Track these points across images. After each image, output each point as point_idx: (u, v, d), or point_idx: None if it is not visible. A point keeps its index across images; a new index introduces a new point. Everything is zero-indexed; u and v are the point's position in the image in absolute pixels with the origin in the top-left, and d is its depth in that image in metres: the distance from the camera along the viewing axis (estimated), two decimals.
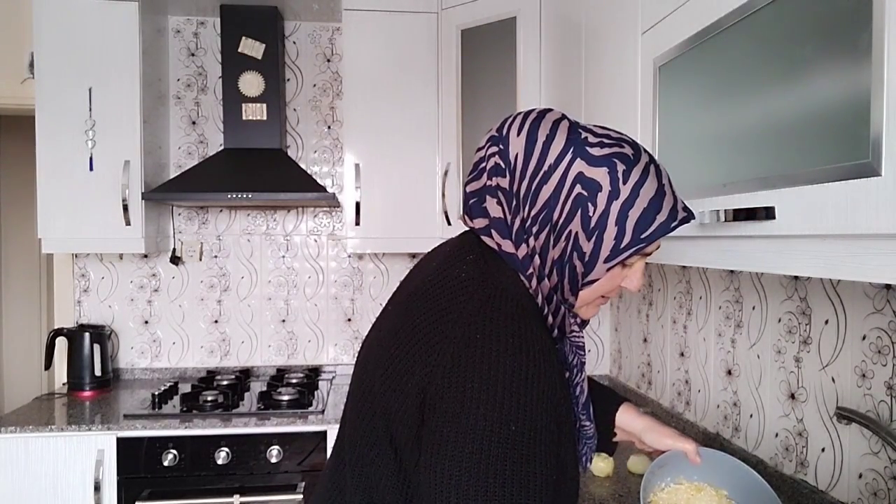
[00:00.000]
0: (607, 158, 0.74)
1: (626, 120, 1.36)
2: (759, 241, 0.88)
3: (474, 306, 0.73)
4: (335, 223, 2.75)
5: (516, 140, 0.77)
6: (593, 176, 0.73)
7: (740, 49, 0.93)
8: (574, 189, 0.74)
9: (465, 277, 0.77)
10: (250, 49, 2.48)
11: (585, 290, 0.79)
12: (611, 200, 0.73)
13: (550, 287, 0.77)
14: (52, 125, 2.26)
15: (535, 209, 0.75)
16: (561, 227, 0.75)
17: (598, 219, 0.73)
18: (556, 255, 0.76)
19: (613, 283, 0.80)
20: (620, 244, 0.74)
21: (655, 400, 2.09)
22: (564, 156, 0.75)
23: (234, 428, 2.06)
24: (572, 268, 0.76)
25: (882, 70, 0.65)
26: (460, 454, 0.65)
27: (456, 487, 0.65)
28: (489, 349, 0.68)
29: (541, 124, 0.77)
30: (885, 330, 1.16)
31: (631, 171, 0.74)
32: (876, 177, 0.66)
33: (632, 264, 0.79)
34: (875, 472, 1.18)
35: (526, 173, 0.76)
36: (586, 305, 0.82)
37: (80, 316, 2.62)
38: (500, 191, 0.77)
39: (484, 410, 0.66)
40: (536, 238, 0.76)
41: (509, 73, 2.11)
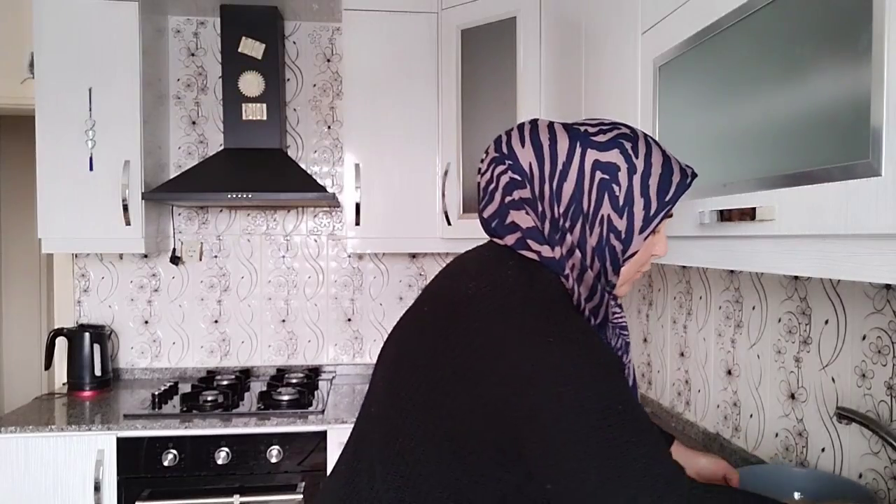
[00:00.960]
0: (613, 141, 0.80)
1: (626, 120, 1.36)
2: (759, 241, 0.88)
3: (535, 312, 0.75)
4: (335, 223, 2.75)
5: (523, 151, 0.81)
6: (608, 159, 0.79)
7: (740, 49, 0.93)
8: (595, 176, 0.78)
9: (514, 283, 0.79)
10: (250, 49, 2.48)
11: (626, 266, 0.83)
12: (631, 176, 0.79)
13: (594, 276, 0.81)
14: (52, 125, 2.26)
15: (563, 206, 0.79)
16: (593, 215, 0.79)
17: (625, 196, 0.79)
18: (594, 242, 0.80)
19: (647, 254, 0.85)
20: (650, 212, 0.80)
21: (655, 400, 2.09)
22: (574, 150, 0.79)
23: (234, 428, 2.06)
24: (612, 249, 0.80)
25: (882, 70, 0.65)
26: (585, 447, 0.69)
27: (597, 474, 0.68)
28: (566, 351, 0.71)
29: (538, 131, 0.82)
30: (885, 330, 1.16)
31: (637, 146, 0.80)
32: (876, 177, 0.66)
33: (658, 230, 0.85)
34: (875, 472, 1.18)
35: (544, 177, 0.80)
36: (626, 284, 0.87)
37: (80, 316, 2.62)
38: (524, 202, 0.81)
39: (588, 405, 0.69)
40: (572, 233, 0.80)
41: (509, 73, 2.11)
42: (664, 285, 2.03)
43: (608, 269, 0.81)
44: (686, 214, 1.06)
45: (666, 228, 0.87)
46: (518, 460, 0.73)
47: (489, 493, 0.75)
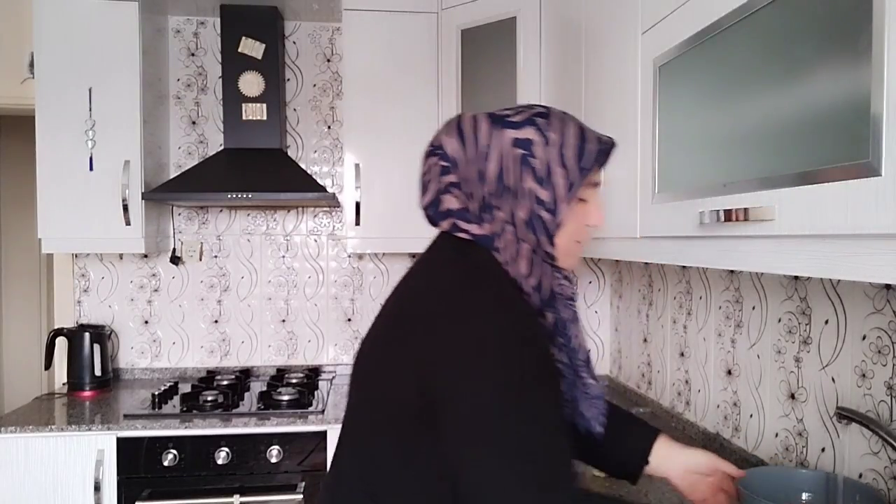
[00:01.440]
0: (528, 119, 0.86)
1: (626, 120, 1.36)
2: (759, 241, 0.88)
3: (453, 278, 0.84)
4: (335, 223, 2.75)
5: (449, 141, 0.88)
6: (524, 136, 0.84)
7: (740, 49, 0.93)
8: (514, 152, 0.84)
9: (445, 265, 0.88)
10: (250, 49, 2.48)
11: (560, 236, 0.87)
12: (546, 147, 0.84)
13: (530, 249, 0.85)
14: (52, 125, 2.26)
15: (490, 185, 0.85)
16: (518, 190, 0.84)
17: (544, 167, 0.84)
18: (523, 215, 0.85)
19: (580, 223, 0.90)
20: (570, 179, 0.85)
21: (655, 400, 2.09)
22: (493, 132, 0.86)
23: (234, 428, 2.06)
24: (540, 219, 0.85)
25: (882, 70, 0.65)
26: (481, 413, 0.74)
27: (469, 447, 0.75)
28: (472, 309, 0.79)
29: (463, 122, 0.89)
30: (885, 330, 1.16)
31: (550, 121, 0.86)
32: (876, 177, 0.66)
33: (587, 199, 0.89)
34: (875, 472, 1.18)
35: (469, 160, 0.86)
36: (567, 255, 0.90)
37: (80, 316, 2.62)
38: (451, 186, 0.88)
39: (480, 373, 0.75)
40: (502, 209, 0.85)
41: (509, 73, 2.11)
42: (664, 285, 2.03)
43: (542, 241, 0.85)
44: (686, 214, 1.06)
45: (599, 199, 0.91)
46: (433, 427, 0.79)
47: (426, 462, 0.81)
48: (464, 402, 0.75)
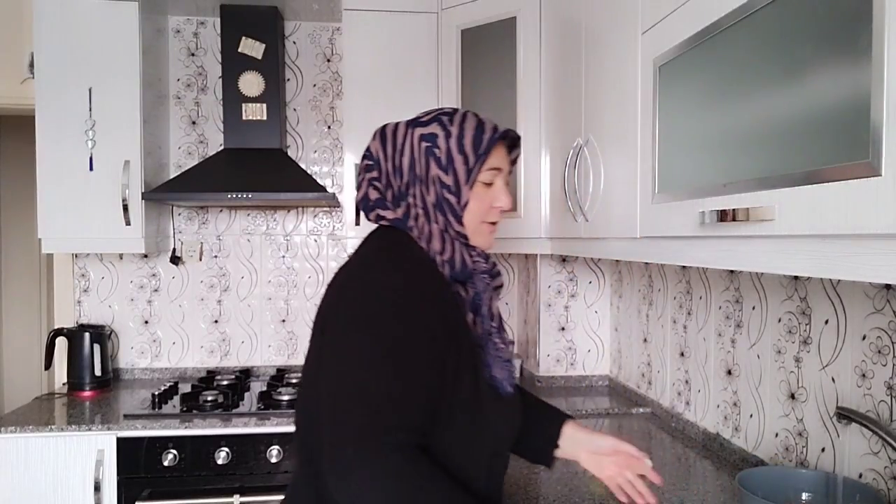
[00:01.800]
0: (434, 118, 1.01)
1: (626, 120, 1.36)
2: (759, 241, 0.88)
3: (364, 253, 1.01)
4: (335, 223, 2.75)
5: (373, 143, 1.05)
6: (429, 131, 1.00)
7: (740, 49, 0.93)
8: (421, 146, 0.99)
9: (365, 243, 1.03)
10: (250, 49, 2.48)
11: (467, 216, 1.00)
12: (448, 139, 0.99)
13: (441, 229, 0.99)
14: (52, 125, 2.26)
15: (405, 176, 1.00)
16: (425, 177, 0.99)
17: (445, 156, 0.98)
18: (432, 199, 0.99)
19: (486, 204, 1.02)
20: (469, 165, 0.98)
21: (655, 400, 2.09)
22: (406, 132, 1.01)
23: (234, 428, 2.06)
24: (447, 201, 0.98)
25: (882, 70, 0.65)
26: (336, 355, 0.88)
27: (331, 377, 0.87)
28: (368, 273, 0.94)
29: (386, 128, 1.05)
30: (885, 330, 1.16)
31: (453, 118, 1.01)
32: (876, 177, 0.66)
33: (491, 181, 1.02)
34: (875, 472, 1.18)
35: (387, 157, 1.02)
36: (477, 233, 1.02)
37: (80, 316, 2.62)
38: (373, 181, 1.03)
39: (358, 317, 0.88)
40: (415, 196, 1.00)
41: (509, 73, 2.11)
42: (664, 285, 2.03)
43: (451, 220, 0.99)
44: (686, 214, 1.06)
45: (503, 183, 1.03)
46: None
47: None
48: (338, 335, 0.89)
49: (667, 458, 1.66)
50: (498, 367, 1.00)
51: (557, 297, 2.49)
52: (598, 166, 1.54)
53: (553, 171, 1.97)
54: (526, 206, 2.09)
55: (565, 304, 2.49)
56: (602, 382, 2.50)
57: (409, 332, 0.87)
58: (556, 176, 1.90)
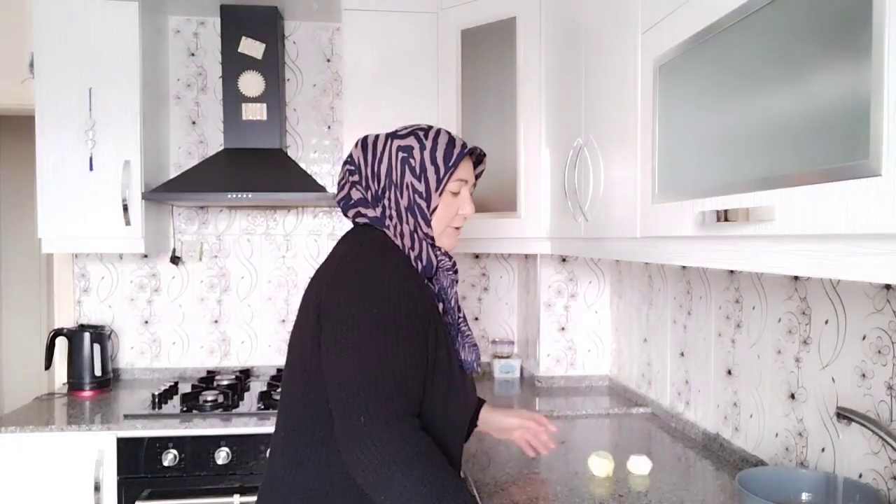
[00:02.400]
0: (411, 132, 1.16)
1: (626, 120, 1.36)
2: (759, 241, 0.88)
3: (349, 248, 1.13)
4: (335, 223, 2.75)
5: (355, 150, 1.19)
6: (406, 143, 1.14)
7: (740, 49, 0.93)
8: (398, 155, 1.13)
9: (348, 241, 1.15)
10: (250, 49, 2.48)
11: (434, 220, 1.15)
12: (422, 151, 1.13)
13: (411, 230, 1.12)
14: (52, 125, 2.26)
15: (382, 181, 1.14)
16: (400, 183, 1.13)
17: (419, 165, 1.13)
18: (404, 203, 1.13)
19: (452, 210, 1.17)
20: (440, 175, 1.13)
21: (655, 400, 2.09)
22: (386, 143, 1.15)
23: (234, 428, 2.06)
24: (418, 206, 1.13)
25: (882, 70, 0.65)
26: (340, 335, 1.00)
27: (337, 356, 1.00)
28: (358, 263, 1.07)
29: (367, 138, 1.19)
30: (885, 330, 1.16)
31: (428, 133, 1.15)
32: (876, 177, 0.66)
33: (458, 191, 1.17)
34: (875, 472, 1.18)
35: (367, 162, 1.16)
36: (443, 235, 1.17)
37: (80, 316, 2.62)
38: (355, 184, 1.17)
39: (355, 300, 1.01)
40: (389, 200, 1.13)
41: (509, 74, 2.11)
42: (664, 285, 2.03)
43: (420, 223, 1.13)
44: (686, 214, 1.06)
45: (468, 194, 1.19)
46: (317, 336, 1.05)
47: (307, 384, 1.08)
48: (339, 317, 1.01)
49: (667, 458, 1.66)
50: (466, 351, 1.18)
51: (557, 297, 2.49)
52: (598, 166, 1.54)
53: (553, 171, 1.97)
54: (526, 206, 2.09)
55: (565, 304, 2.49)
56: (602, 382, 2.50)
57: (403, 312, 1.01)
58: (557, 176, 1.90)
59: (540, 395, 2.37)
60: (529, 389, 2.46)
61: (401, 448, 0.94)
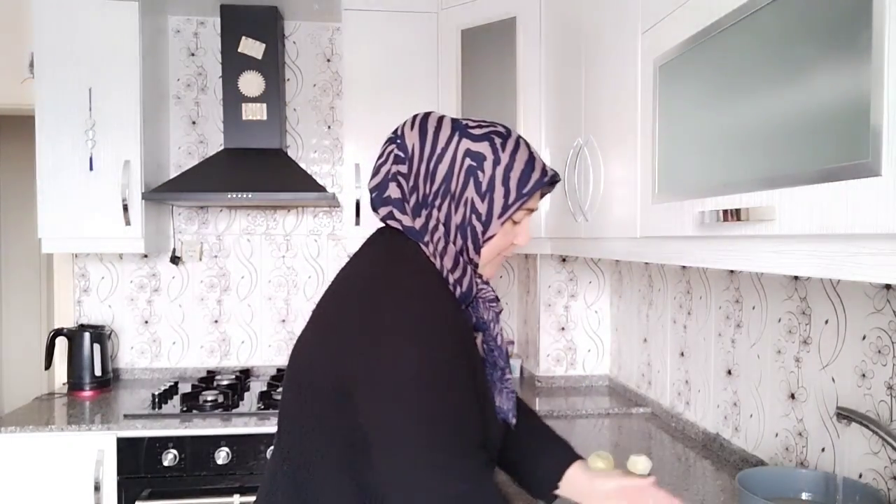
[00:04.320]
0: (486, 135, 0.92)
1: (626, 120, 1.36)
2: (759, 241, 0.88)
3: (380, 266, 0.89)
4: (335, 223, 2.75)
5: (410, 133, 0.93)
6: (478, 149, 0.91)
7: (740, 49, 0.93)
8: (465, 162, 0.90)
9: (373, 251, 0.93)
10: (250, 49, 2.48)
11: (486, 247, 0.93)
12: (495, 166, 0.91)
13: (457, 251, 0.91)
14: (52, 125, 2.26)
15: (435, 185, 0.91)
16: (458, 196, 0.91)
17: (487, 183, 0.90)
18: (457, 220, 0.91)
19: (507, 240, 0.96)
20: (508, 201, 0.91)
21: (655, 400, 2.09)
22: (452, 138, 0.91)
23: (234, 428, 2.06)
24: (472, 229, 0.91)
25: (882, 70, 0.65)
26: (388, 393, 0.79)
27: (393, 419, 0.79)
28: (397, 288, 0.85)
29: (428, 119, 0.94)
30: (885, 330, 1.16)
31: (506, 143, 0.92)
32: (876, 177, 0.66)
33: (520, 221, 0.96)
34: (875, 472, 1.18)
35: (423, 157, 0.91)
36: (489, 264, 0.97)
37: (80, 316, 2.62)
38: (399, 176, 0.92)
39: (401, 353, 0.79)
40: (440, 210, 0.91)
41: (509, 74, 2.11)
42: (664, 285, 2.03)
43: (469, 247, 0.92)
44: (686, 214, 1.06)
45: (528, 221, 0.97)
46: (351, 408, 0.82)
47: (329, 436, 0.85)
48: (381, 371, 0.79)
49: (667, 458, 1.66)
50: (504, 397, 0.97)
51: (557, 297, 2.49)
52: (598, 166, 1.54)
53: None
54: None
55: (565, 304, 2.49)
56: (602, 382, 2.50)
57: (459, 347, 0.84)
58: None
59: (540, 395, 2.37)
60: (529, 389, 2.46)
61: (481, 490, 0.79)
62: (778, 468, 1.26)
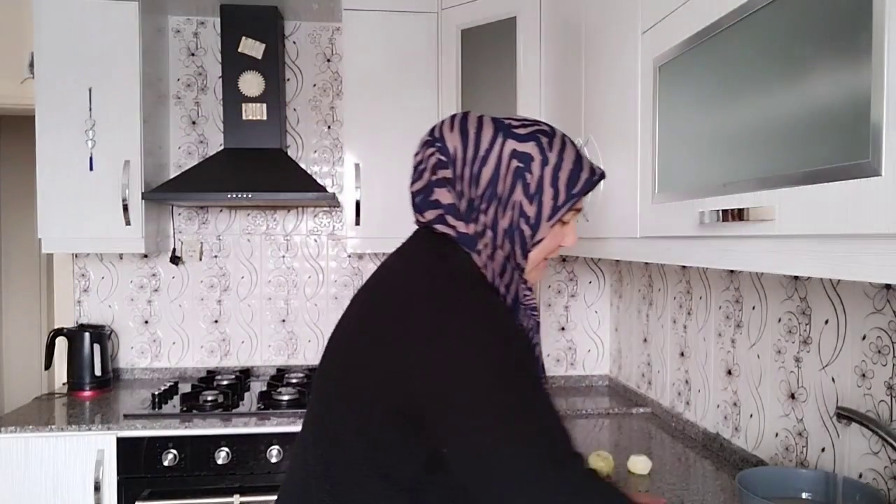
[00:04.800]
0: (532, 135, 0.88)
1: (626, 120, 1.36)
2: (759, 241, 0.88)
3: (439, 287, 0.83)
4: (335, 223, 2.75)
5: (451, 135, 0.89)
6: (524, 150, 0.87)
7: (740, 49, 0.93)
8: (511, 164, 0.87)
9: (427, 263, 0.87)
10: (250, 49, 2.48)
11: (534, 251, 0.90)
12: (543, 167, 0.87)
13: (504, 256, 0.88)
14: (52, 125, 2.26)
15: (481, 188, 0.87)
16: (506, 199, 0.87)
17: (536, 184, 0.87)
18: (505, 224, 0.87)
19: (555, 242, 0.93)
20: (558, 202, 0.88)
21: (655, 400, 2.09)
22: (496, 139, 0.87)
23: (234, 428, 2.06)
24: (521, 232, 0.88)
25: (882, 70, 0.65)
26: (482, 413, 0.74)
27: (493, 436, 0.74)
28: (466, 323, 0.78)
29: (468, 120, 0.90)
30: (885, 330, 1.16)
31: (553, 141, 0.89)
32: (876, 177, 0.66)
33: (567, 221, 0.93)
34: (875, 472, 1.18)
35: (467, 160, 0.87)
36: (534, 269, 0.94)
37: (80, 316, 2.62)
38: (446, 181, 0.88)
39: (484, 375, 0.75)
40: (486, 214, 0.87)
41: (509, 73, 2.11)
42: (664, 285, 2.03)
43: (517, 252, 0.89)
44: (686, 214, 1.06)
45: (576, 222, 0.95)
46: (422, 429, 0.78)
47: (405, 464, 0.80)
48: (465, 395, 0.75)
49: (667, 458, 1.66)
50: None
51: (557, 297, 2.49)
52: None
53: None
54: None
55: (565, 303, 2.49)
56: (602, 382, 2.50)
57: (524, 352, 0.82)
58: None
59: None
60: None
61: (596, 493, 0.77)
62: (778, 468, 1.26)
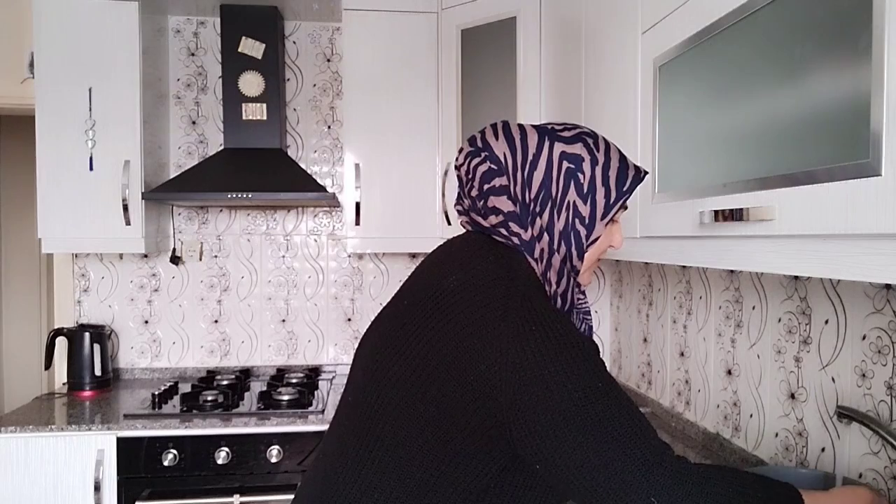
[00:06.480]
0: (577, 136, 0.90)
1: (626, 120, 1.36)
2: (759, 241, 0.88)
3: (517, 303, 0.80)
4: (335, 223, 2.75)
5: (497, 143, 0.90)
6: (573, 151, 0.89)
7: (740, 49, 0.93)
8: (563, 165, 0.88)
9: (495, 274, 0.84)
10: (250, 49, 2.48)
11: (589, 252, 0.91)
12: (594, 166, 0.89)
13: (561, 259, 0.89)
14: (52, 125, 2.26)
15: (534, 192, 0.88)
16: (560, 201, 0.88)
17: (588, 184, 0.88)
18: (560, 227, 0.88)
19: (606, 242, 0.94)
20: (610, 200, 0.89)
21: (655, 400, 2.09)
22: (543, 143, 0.89)
23: (234, 428, 2.06)
24: (577, 233, 0.89)
25: (882, 70, 0.65)
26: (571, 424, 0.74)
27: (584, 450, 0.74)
28: (547, 337, 0.77)
29: (510, 128, 0.92)
30: (885, 330, 1.16)
31: (597, 142, 0.91)
32: (876, 177, 0.66)
33: (617, 220, 0.94)
34: (875, 472, 1.18)
35: (517, 166, 0.88)
36: (587, 270, 0.94)
37: (80, 316, 2.62)
38: (503, 189, 0.88)
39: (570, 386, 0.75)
40: (541, 217, 0.88)
41: (509, 73, 2.11)
42: (664, 285, 2.03)
43: (573, 254, 0.89)
44: (686, 214, 1.06)
45: (622, 222, 0.95)
46: (503, 445, 0.78)
47: (472, 477, 0.80)
48: (547, 401, 0.75)
49: None
50: None
51: None
52: None
53: None
54: None
55: None
56: None
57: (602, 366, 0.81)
58: None
59: None
60: None
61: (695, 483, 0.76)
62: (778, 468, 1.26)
